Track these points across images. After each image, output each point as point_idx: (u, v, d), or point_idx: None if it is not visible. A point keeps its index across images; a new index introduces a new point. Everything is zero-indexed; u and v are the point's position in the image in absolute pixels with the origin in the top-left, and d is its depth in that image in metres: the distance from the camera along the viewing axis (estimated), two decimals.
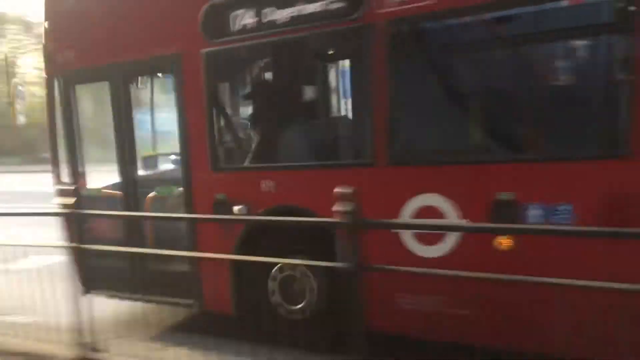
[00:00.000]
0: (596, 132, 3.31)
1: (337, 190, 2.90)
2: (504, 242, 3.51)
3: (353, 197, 2.92)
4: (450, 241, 3.69)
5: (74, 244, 4.17)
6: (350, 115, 4.11)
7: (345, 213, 2.92)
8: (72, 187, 4.24)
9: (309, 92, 4.75)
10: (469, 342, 3.63)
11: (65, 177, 5.44)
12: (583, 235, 3.04)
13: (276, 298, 4.47)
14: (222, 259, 4.26)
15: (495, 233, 3.41)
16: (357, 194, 2.91)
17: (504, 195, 3.46)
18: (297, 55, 4.46)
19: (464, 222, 3.57)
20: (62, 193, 4.09)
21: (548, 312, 3.30)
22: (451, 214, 3.65)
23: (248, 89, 4.72)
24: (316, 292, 4.32)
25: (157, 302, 5.16)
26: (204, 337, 4.65)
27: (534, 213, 3.40)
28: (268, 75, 4.84)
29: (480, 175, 3.55)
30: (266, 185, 4.31)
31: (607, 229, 3.06)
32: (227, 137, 4.68)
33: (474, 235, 3.59)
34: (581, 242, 3.08)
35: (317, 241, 4.06)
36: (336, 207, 2.89)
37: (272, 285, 4.47)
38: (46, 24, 5.52)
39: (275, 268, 4.42)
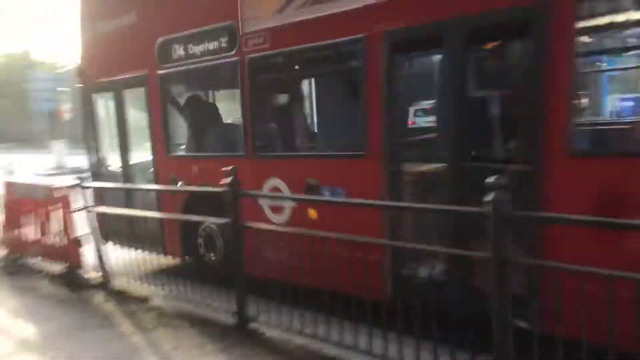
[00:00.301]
0: (351, 140, 4.87)
1: (487, 180, 2.88)
2: (313, 213, 5.21)
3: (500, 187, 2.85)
4: (286, 213, 5.45)
5: (231, 220, 4.52)
6: (236, 121, 5.96)
7: (489, 204, 2.87)
8: (232, 168, 4.52)
9: (213, 106, 6.66)
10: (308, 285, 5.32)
11: (92, 157, 7.88)
12: (347, 205, 4.67)
13: (202, 249, 6.48)
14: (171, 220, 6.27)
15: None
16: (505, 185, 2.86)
17: (311, 181, 5.15)
18: (205, 78, 6.38)
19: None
20: (226, 173, 4.47)
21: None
22: (287, 192, 5.40)
23: (182, 101, 6.73)
24: (221, 246, 6.27)
25: (144, 250, 7.39)
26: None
27: (326, 193, 5.06)
28: (191, 92, 6.81)
29: (299, 166, 5.27)
30: (194, 168, 6.32)
31: (364, 201, 4.58)
32: (173, 134, 6.72)
33: (300, 208, 5.30)
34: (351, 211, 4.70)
35: (218, 209, 5.97)
36: (485, 198, 2.88)
37: (199, 240, 6.49)
38: (80, 49, 7.95)
39: (201, 227, 6.43)
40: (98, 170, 7.87)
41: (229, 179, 4.41)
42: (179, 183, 6.50)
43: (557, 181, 3.65)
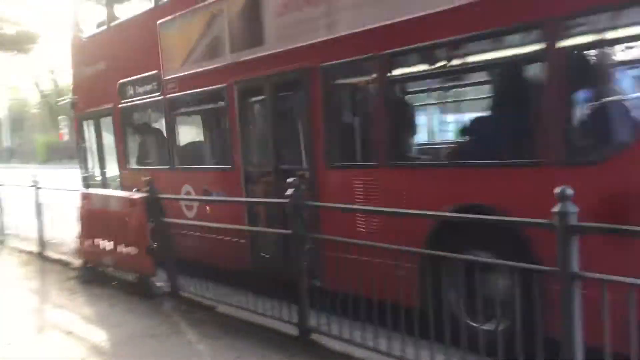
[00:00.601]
0: (226, 158, 6.97)
1: (556, 190, 2.88)
2: (209, 209, 7.35)
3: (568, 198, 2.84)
4: (194, 210, 7.61)
5: (298, 232, 4.55)
6: (165, 144, 8.18)
7: (556, 214, 2.85)
8: (293, 181, 4.56)
9: (152, 131, 8.89)
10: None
11: (83, 170, 10.30)
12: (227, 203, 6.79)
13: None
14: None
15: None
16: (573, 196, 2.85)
17: (205, 187, 7.30)
18: (148, 110, 8.64)
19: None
20: (290, 185, 4.52)
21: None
22: (194, 195, 7.57)
23: (133, 128, 9.02)
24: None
25: None
26: None
27: (214, 195, 7.19)
28: (138, 121, 9.08)
29: (199, 176, 7.44)
30: (141, 177, 8.56)
31: (232, 199, 6.72)
32: (129, 151, 9.01)
33: (203, 206, 7.44)
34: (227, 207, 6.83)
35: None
36: (553, 209, 2.88)
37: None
38: (72, 84, 10.43)
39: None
40: (88, 180, 10.28)
41: (290, 191, 4.52)
42: (134, 189, 8.76)
43: (322, 182, 5.66)
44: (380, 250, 4.12)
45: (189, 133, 7.95)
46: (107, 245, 6.90)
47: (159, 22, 7.61)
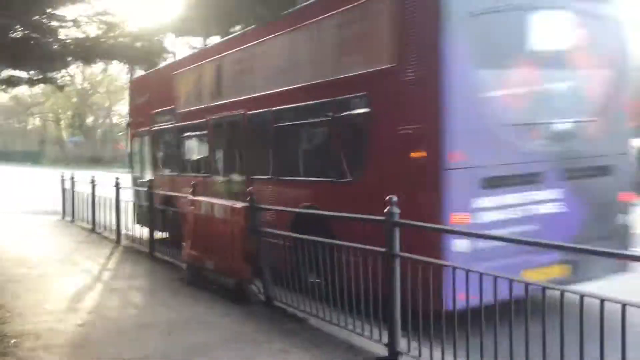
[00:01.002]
0: (206, 169, 10.28)
1: None
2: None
3: None
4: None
5: (392, 251, 4.49)
6: (176, 157, 11.62)
7: None
8: (389, 198, 4.48)
9: (170, 148, 12.30)
10: None
11: (133, 174, 14.03)
12: None
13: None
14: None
15: None
16: None
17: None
18: (169, 133, 12.08)
19: None
20: (388, 202, 4.45)
21: None
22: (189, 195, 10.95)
23: (161, 144, 12.52)
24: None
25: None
26: None
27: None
28: (163, 140, 12.55)
29: (193, 181, 10.79)
30: (165, 181, 12.08)
31: None
32: (159, 161, 12.56)
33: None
34: None
35: None
36: None
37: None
38: (128, 109, 14.24)
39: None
40: (135, 182, 14.01)
41: (386, 209, 4.48)
42: (161, 190, 12.29)
43: (250, 185, 8.80)
44: None
45: (189, 150, 11.37)
46: (209, 249, 7.31)
47: (173, 73, 11.12)
